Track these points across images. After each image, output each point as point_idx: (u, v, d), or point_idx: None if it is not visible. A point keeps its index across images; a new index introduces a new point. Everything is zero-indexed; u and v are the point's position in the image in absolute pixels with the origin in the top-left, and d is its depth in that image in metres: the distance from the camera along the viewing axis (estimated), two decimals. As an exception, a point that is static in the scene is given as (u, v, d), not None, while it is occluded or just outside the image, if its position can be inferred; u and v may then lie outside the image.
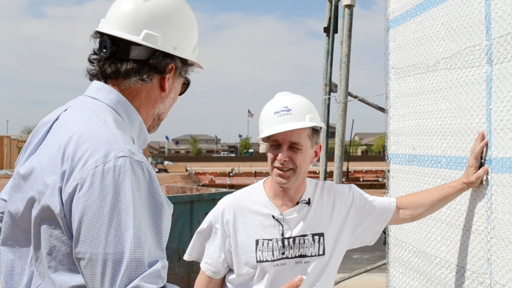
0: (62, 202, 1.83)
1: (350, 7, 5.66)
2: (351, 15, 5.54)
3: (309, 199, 2.96)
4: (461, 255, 3.15)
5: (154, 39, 2.08)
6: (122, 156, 1.84)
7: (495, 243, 2.86)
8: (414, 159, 3.67)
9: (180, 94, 2.26)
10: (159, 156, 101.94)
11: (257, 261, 2.86)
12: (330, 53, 6.15)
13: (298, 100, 2.92)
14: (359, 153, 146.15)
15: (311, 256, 2.91)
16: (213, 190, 9.42)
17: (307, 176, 2.99)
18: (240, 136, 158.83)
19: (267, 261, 2.86)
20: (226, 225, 2.92)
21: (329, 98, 6.00)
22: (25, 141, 55.39)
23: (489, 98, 2.89)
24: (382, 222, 3.08)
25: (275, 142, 2.86)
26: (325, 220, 2.96)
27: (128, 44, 2.07)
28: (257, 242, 2.88)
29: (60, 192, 1.84)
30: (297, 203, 2.95)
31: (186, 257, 3.08)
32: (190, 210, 7.99)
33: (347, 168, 34.38)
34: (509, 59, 2.73)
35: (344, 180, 33.41)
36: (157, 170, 52.37)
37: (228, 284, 2.98)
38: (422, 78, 3.55)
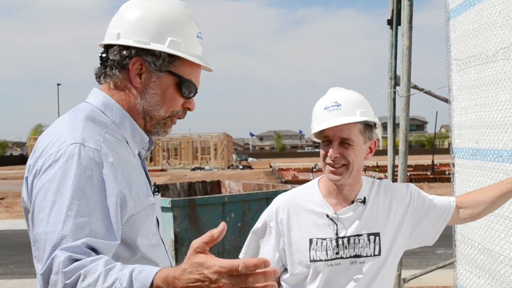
0: (28, 192, 2.00)
1: (410, -2, 5.52)
2: (411, 6, 5.38)
3: (364, 198, 2.89)
4: (525, 253, 3.03)
5: (114, 36, 2.17)
6: (73, 143, 1.94)
7: (557, 241, 2.73)
8: (477, 153, 3.55)
9: (184, 95, 2.23)
10: (243, 153, 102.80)
11: (311, 261, 2.83)
12: (394, 45, 6.00)
13: (349, 95, 2.86)
14: (446, 145, 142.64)
15: (366, 256, 2.84)
16: (288, 186, 9.41)
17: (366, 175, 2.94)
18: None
19: (320, 260, 2.82)
20: (280, 224, 2.89)
21: (394, 92, 5.87)
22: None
23: (548, 88, 2.76)
24: (441, 222, 2.98)
25: (326, 138, 2.81)
26: (381, 219, 2.89)
27: (106, 49, 2.20)
28: (310, 241, 2.84)
29: (27, 182, 2.01)
30: (352, 201, 2.89)
31: (241, 255, 3.06)
32: (266, 207, 7.99)
33: (432, 161, 33.57)
34: None
35: (429, 173, 32.81)
36: (241, 167, 52.82)
37: (282, 283, 2.95)
38: (482, 69, 3.43)
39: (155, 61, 2.15)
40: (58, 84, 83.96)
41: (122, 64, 2.15)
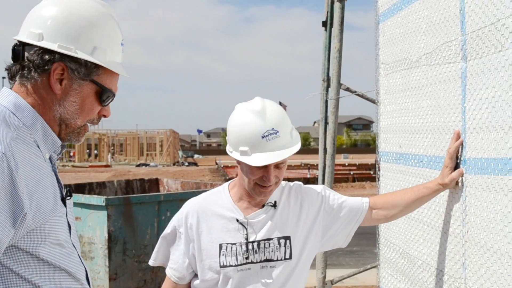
0: None
1: (341, 1, 5.51)
2: (342, 9, 5.39)
3: (275, 201, 2.87)
4: (440, 258, 3.04)
5: (35, 36, 2.05)
6: None
7: (469, 247, 2.74)
8: (400, 157, 3.56)
9: (103, 103, 2.17)
10: (190, 149, 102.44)
11: (221, 266, 2.80)
12: (327, 48, 5.99)
13: (276, 113, 2.75)
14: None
15: (277, 260, 2.82)
16: (227, 186, 9.37)
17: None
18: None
19: (230, 266, 2.79)
20: (190, 229, 2.86)
21: (327, 94, 5.87)
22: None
23: (464, 95, 2.78)
24: (353, 223, 2.99)
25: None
26: (292, 223, 2.87)
27: (22, 46, 2.08)
28: (220, 246, 2.81)
29: None
30: (263, 205, 2.87)
31: (151, 262, 3.03)
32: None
33: (375, 161, 34.03)
34: (481, 55, 2.61)
35: (372, 173, 33.19)
36: (187, 164, 52.63)
37: None
38: (407, 74, 3.44)
39: (78, 69, 2.07)
40: (3, 78, 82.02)
41: (42, 68, 2.04)
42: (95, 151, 59.01)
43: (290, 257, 2.83)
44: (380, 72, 3.93)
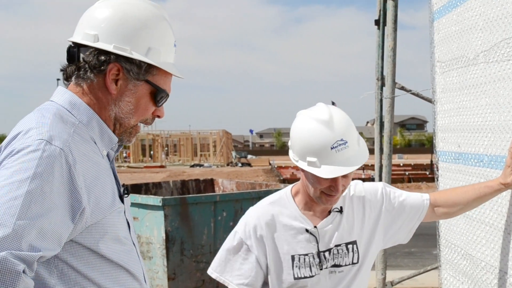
0: None
1: (394, -1, 5.47)
2: (395, 7, 5.34)
3: (341, 207, 2.85)
4: (503, 260, 2.98)
5: (90, 37, 2.10)
6: (39, 139, 1.89)
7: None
8: (459, 157, 3.51)
9: (157, 104, 2.20)
10: (243, 150, 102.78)
11: (295, 278, 2.77)
12: (381, 46, 5.96)
13: (343, 122, 2.66)
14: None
15: (345, 265, 2.82)
16: (281, 186, 9.39)
17: None
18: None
19: (305, 277, 2.77)
20: (260, 241, 2.80)
21: (381, 93, 5.83)
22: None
23: (526, 93, 2.73)
24: (415, 220, 2.96)
25: None
26: (357, 226, 2.86)
27: (77, 47, 2.13)
28: (293, 258, 2.78)
29: None
30: (329, 212, 2.84)
31: (214, 274, 2.90)
32: (258, 207, 7.94)
33: (431, 161, 33.49)
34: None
35: (427, 173, 32.60)
36: (240, 164, 52.79)
37: None
38: (464, 72, 3.39)
39: (133, 70, 2.11)
40: (58, 79, 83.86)
41: (99, 69, 2.09)
42: (151, 152, 59.76)
43: (358, 261, 2.83)
44: (436, 71, 3.89)
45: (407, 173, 34.05)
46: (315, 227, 2.79)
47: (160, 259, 6.86)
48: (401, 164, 43.40)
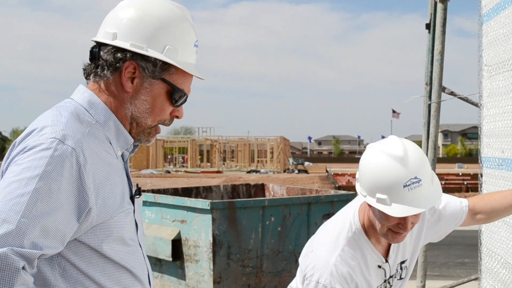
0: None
1: (444, 1, 5.33)
2: (445, 10, 5.21)
3: None
4: (542, 270, 2.89)
5: (109, 35, 2.11)
6: (52, 138, 1.91)
7: None
8: (503, 163, 3.41)
9: (175, 104, 2.19)
10: (301, 156, 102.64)
11: None
12: (431, 51, 5.84)
13: (418, 158, 2.52)
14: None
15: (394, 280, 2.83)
16: (332, 192, 9.32)
17: None
18: (382, 137, 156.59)
19: None
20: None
21: (430, 98, 5.71)
22: (170, 141, 57.18)
23: None
24: (452, 226, 2.95)
25: None
26: (410, 246, 2.84)
27: (98, 46, 2.14)
28: None
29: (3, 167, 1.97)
30: None
31: None
32: (307, 212, 7.95)
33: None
34: None
35: (443, 183, 31.77)
36: (297, 171, 52.72)
37: None
38: (510, 75, 3.30)
39: (149, 67, 2.10)
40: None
41: (115, 66, 2.10)
42: (207, 157, 60.29)
43: (405, 277, 2.85)
44: (483, 75, 3.80)
45: (465, 182, 33.39)
46: (387, 261, 2.74)
47: (206, 262, 6.89)
48: (460, 174, 42.64)
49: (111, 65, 2.10)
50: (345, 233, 2.69)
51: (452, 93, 5.30)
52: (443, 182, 31.30)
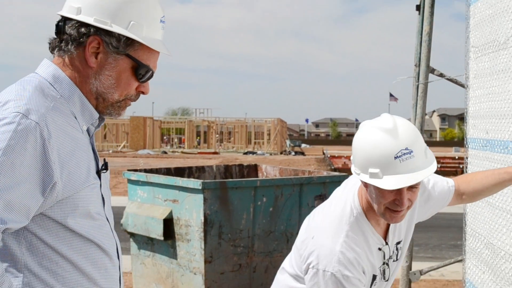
0: None
1: (431, -18, 5.33)
2: (433, -10, 5.24)
3: None
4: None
5: (74, 10, 2.10)
6: (15, 112, 1.91)
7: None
8: (487, 144, 3.43)
9: (140, 79, 2.18)
10: (298, 139, 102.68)
11: None
12: (420, 32, 5.82)
13: (409, 131, 2.51)
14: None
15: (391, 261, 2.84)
16: (324, 173, 9.32)
17: None
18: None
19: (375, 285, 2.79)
20: (363, 273, 2.69)
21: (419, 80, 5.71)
22: (168, 122, 57.16)
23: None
24: (440, 206, 2.97)
25: None
26: (405, 227, 2.86)
27: (63, 20, 2.14)
28: (374, 277, 2.75)
29: None
30: None
31: None
32: (299, 193, 7.96)
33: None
34: None
35: (439, 166, 31.71)
36: (293, 153, 52.76)
37: None
38: (495, 56, 3.30)
39: (113, 43, 2.10)
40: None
41: (78, 41, 2.10)
42: (197, 138, 60.32)
43: (399, 259, 2.87)
44: (470, 56, 3.80)
45: (461, 166, 33.47)
46: (386, 243, 2.75)
47: (197, 242, 6.91)
48: (456, 157, 42.72)
49: (75, 40, 2.10)
50: (347, 218, 2.66)
51: (441, 75, 5.30)
52: (439, 165, 31.27)
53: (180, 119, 69.77)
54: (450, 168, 30.64)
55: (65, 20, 2.14)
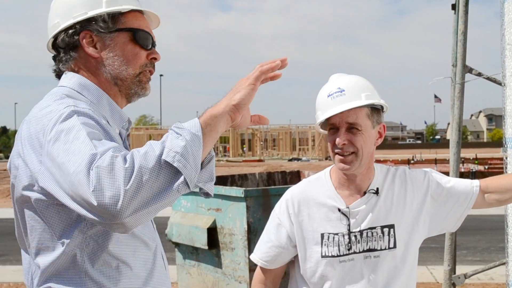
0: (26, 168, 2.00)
1: (467, -20, 5.25)
2: (468, -11, 5.15)
3: (377, 188, 2.77)
4: None
5: (54, 27, 2.22)
6: (66, 107, 1.96)
7: None
8: (526, 143, 3.36)
9: (144, 46, 2.24)
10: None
11: (322, 256, 2.74)
12: (456, 31, 5.72)
13: (352, 80, 2.76)
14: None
15: (381, 249, 2.72)
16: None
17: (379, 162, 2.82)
18: (425, 122, 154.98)
19: (332, 256, 2.73)
20: (292, 217, 2.81)
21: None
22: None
23: None
24: (463, 208, 2.83)
25: (332, 126, 2.71)
26: (397, 210, 2.76)
27: (55, 47, 2.27)
28: (322, 236, 2.75)
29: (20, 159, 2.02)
30: (364, 192, 2.77)
31: (252, 257, 2.96)
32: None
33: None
34: None
35: (486, 167, 30.91)
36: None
37: (296, 275, 2.87)
38: (531, 53, 3.23)
39: (101, 26, 2.17)
40: (161, 75, 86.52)
41: (73, 44, 2.19)
42: (243, 146, 60.33)
43: (395, 246, 2.73)
44: (506, 54, 3.73)
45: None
46: (347, 207, 2.75)
47: (242, 250, 6.92)
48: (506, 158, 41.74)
49: (69, 44, 2.19)
50: (313, 176, 2.96)
51: (479, 74, 5.22)
52: (486, 167, 30.67)
53: (224, 128, 69.91)
54: (497, 170, 29.99)
55: (54, 43, 2.24)
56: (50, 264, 2.01)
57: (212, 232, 7.16)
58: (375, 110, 2.74)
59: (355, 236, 2.73)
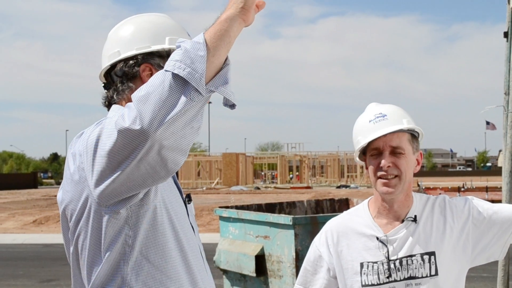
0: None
1: (519, 9, 5.18)
2: (522, 16, 5.07)
3: (415, 216, 2.74)
4: None
5: (115, 55, 2.28)
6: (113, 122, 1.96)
7: None
8: None
9: None
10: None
11: (362, 285, 2.72)
12: (509, 59, 5.65)
13: (391, 107, 2.81)
14: None
15: (422, 277, 2.67)
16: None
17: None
18: (475, 149, 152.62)
19: (372, 285, 2.70)
20: (331, 248, 2.82)
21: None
22: (260, 158, 57.61)
23: None
24: (508, 234, 2.74)
25: (375, 151, 2.71)
26: (436, 237, 2.72)
27: (109, 75, 2.33)
28: (361, 265, 2.73)
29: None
30: (403, 220, 2.75)
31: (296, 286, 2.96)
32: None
33: None
34: None
35: None
36: (387, 185, 51.79)
37: None
38: None
39: (162, 61, 2.21)
40: (210, 103, 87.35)
41: (132, 74, 2.24)
42: (296, 173, 60.21)
43: (436, 273, 2.68)
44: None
45: None
46: (385, 235, 2.73)
47: (290, 278, 6.90)
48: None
49: (127, 74, 2.24)
50: (352, 208, 2.96)
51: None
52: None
53: (272, 154, 70.20)
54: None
55: (109, 72, 2.30)
56: (96, 278, 2.07)
57: (260, 260, 7.15)
58: (414, 137, 2.79)
59: (394, 264, 2.70)
